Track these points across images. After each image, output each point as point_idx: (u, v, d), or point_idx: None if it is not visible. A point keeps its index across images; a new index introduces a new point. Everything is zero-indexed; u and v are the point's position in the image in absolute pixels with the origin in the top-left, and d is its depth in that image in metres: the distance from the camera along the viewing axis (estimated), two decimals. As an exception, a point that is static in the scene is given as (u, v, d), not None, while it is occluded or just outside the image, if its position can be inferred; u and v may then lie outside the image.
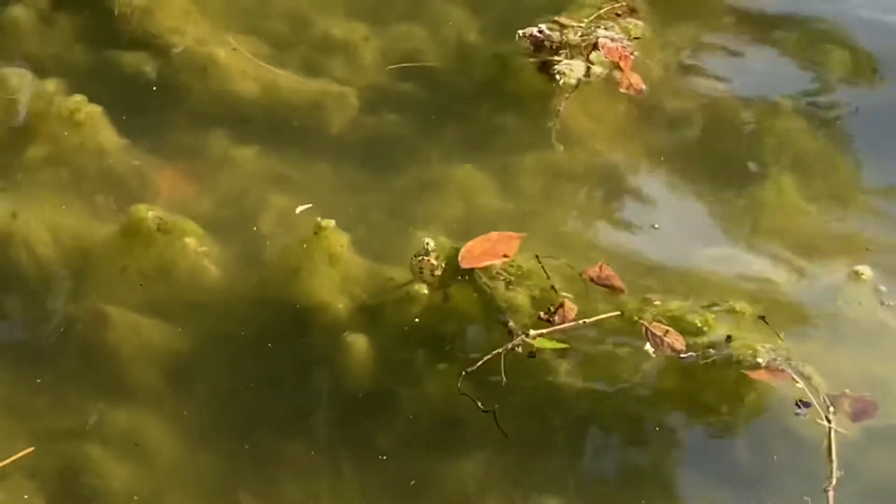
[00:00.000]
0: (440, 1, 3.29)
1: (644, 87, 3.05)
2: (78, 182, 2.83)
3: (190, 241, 2.67)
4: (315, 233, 2.66)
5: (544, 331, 2.56)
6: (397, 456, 2.48)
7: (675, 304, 2.61)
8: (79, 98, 2.90)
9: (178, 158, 2.91)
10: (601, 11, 3.13)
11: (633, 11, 3.17)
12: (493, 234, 2.73)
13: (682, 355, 2.53)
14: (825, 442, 2.41)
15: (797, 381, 2.48)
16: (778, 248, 2.84)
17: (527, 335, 2.55)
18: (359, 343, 2.56)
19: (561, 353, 2.57)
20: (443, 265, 2.66)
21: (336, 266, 2.64)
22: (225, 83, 3.03)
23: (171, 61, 3.05)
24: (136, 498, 2.41)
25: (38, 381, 2.56)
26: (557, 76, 2.98)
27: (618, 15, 3.15)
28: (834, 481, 2.35)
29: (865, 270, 2.74)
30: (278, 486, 2.43)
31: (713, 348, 2.54)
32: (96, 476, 2.43)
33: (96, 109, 2.89)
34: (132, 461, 2.45)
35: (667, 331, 2.56)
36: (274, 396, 2.56)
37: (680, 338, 2.55)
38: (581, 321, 2.58)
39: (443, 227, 2.81)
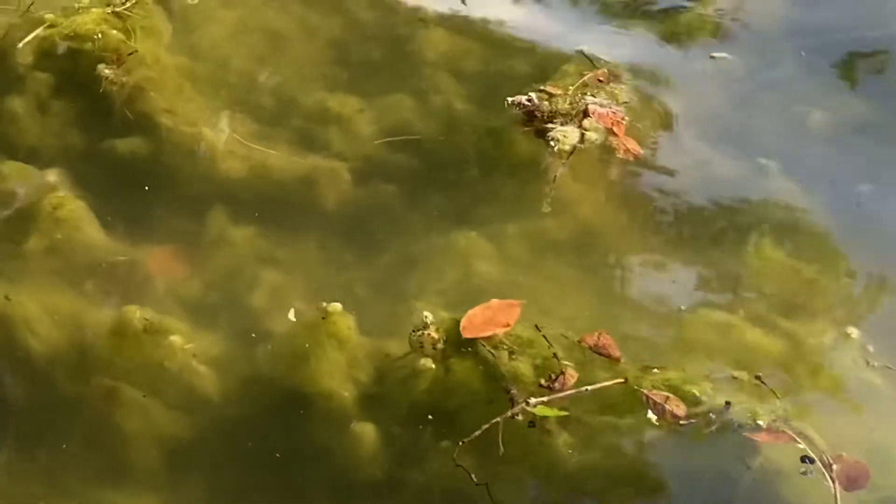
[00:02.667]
0: (427, 70, 3.36)
1: (641, 151, 3.13)
2: (70, 272, 2.88)
3: (175, 340, 2.72)
4: (323, 318, 2.71)
5: (545, 399, 2.63)
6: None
7: (674, 374, 2.68)
8: (62, 195, 2.96)
9: (168, 241, 2.97)
10: (585, 79, 3.21)
11: (615, 77, 3.26)
12: (494, 302, 2.80)
13: (682, 422, 2.60)
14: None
15: (799, 442, 2.55)
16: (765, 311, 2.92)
17: (527, 403, 2.61)
18: (367, 431, 2.62)
19: (562, 423, 2.63)
20: (444, 337, 2.72)
21: (344, 350, 2.69)
22: (215, 164, 3.09)
23: (163, 143, 3.11)
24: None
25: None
26: (552, 143, 3.07)
27: (601, 81, 3.24)
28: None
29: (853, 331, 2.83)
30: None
31: (713, 414, 2.61)
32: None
33: (79, 205, 2.96)
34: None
35: (667, 397, 2.63)
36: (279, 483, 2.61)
37: (681, 404, 2.63)
38: (583, 388, 2.64)
39: (440, 297, 2.88)
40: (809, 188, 3.18)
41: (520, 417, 2.60)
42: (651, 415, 2.61)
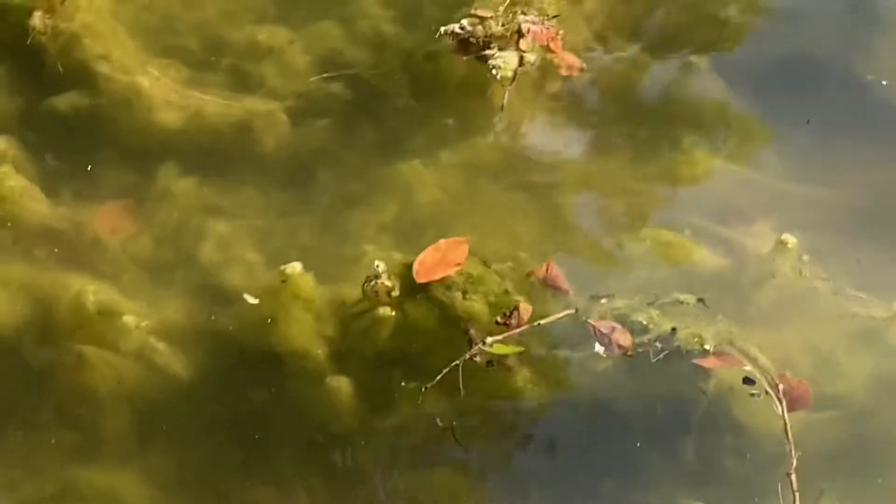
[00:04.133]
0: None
1: (583, 64, 3.19)
2: (20, 240, 2.91)
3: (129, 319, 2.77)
4: (283, 282, 2.77)
5: (500, 337, 2.72)
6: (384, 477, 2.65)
7: (620, 302, 2.79)
8: (3, 169, 2.97)
9: (113, 199, 3.00)
10: (512, -3, 3.24)
11: (541, -10, 3.29)
12: (442, 242, 2.87)
13: (628, 353, 2.71)
14: (781, 423, 2.62)
15: (745, 365, 2.69)
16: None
17: (484, 343, 2.71)
18: (342, 384, 2.70)
19: (520, 358, 2.73)
20: (396, 284, 2.80)
21: (310, 310, 2.76)
22: (152, 114, 3.10)
23: (101, 95, 3.11)
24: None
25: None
26: (493, 70, 3.10)
27: (529, -6, 3.26)
28: (794, 463, 2.55)
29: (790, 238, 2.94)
30: None
31: (660, 342, 2.72)
32: None
33: (21, 184, 2.97)
34: None
35: (613, 328, 2.74)
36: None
37: (628, 334, 2.74)
38: (536, 323, 2.74)
39: (385, 234, 2.95)
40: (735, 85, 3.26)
41: (478, 359, 2.70)
42: (598, 347, 2.72)
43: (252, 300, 2.79)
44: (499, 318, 2.76)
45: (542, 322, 2.75)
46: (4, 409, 2.74)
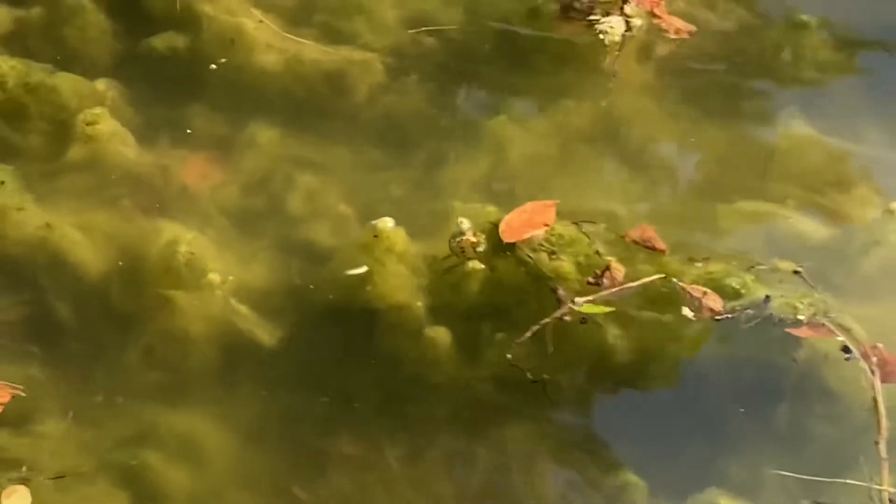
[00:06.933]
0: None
1: (693, 27, 3.21)
2: (105, 187, 2.98)
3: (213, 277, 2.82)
4: (375, 236, 2.81)
5: (591, 297, 2.74)
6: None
7: (716, 267, 2.79)
8: (98, 111, 3.04)
9: (206, 147, 3.06)
10: (617, -38, 3.26)
11: (644, -45, 3.30)
12: (529, 205, 2.90)
13: (718, 317, 2.71)
14: (871, 394, 2.60)
15: (838, 336, 2.67)
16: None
17: (574, 302, 2.72)
18: (440, 334, 2.74)
19: (609, 317, 2.74)
20: (482, 241, 2.82)
21: (404, 262, 2.80)
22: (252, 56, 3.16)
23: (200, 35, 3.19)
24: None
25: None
26: (601, 35, 3.17)
27: (633, -39, 3.28)
28: (884, 433, 2.54)
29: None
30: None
31: (752, 309, 2.72)
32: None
33: (111, 126, 3.04)
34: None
35: (705, 292, 2.74)
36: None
37: (718, 299, 2.74)
38: (627, 285, 2.76)
39: (475, 191, 2.98)
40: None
41: (567, 318, 2.72)
42: (686, 310, 2.72)
43: (358, 271, 2.83)
44: (590, 279, 2.77)
45: (633, 284, 2.76)
46: (92, 352, 2.80)
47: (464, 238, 2.82)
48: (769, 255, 2.83)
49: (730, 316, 2.72)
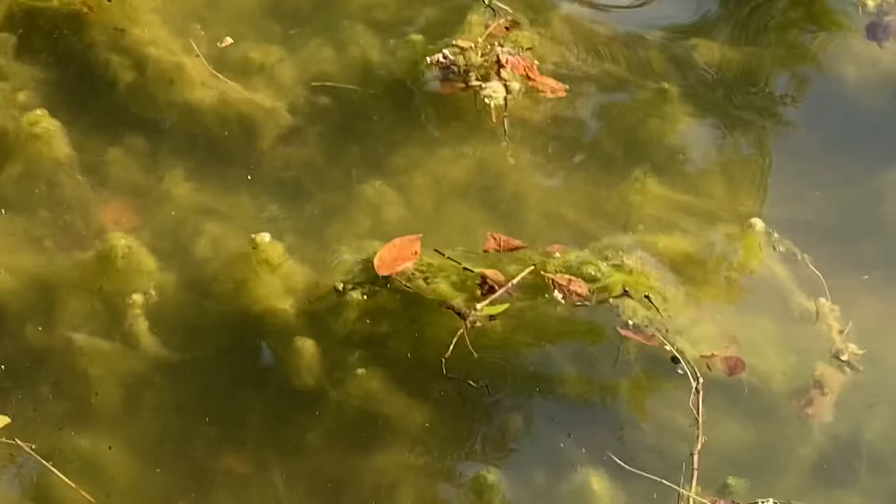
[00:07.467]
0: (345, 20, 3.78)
1: (566, 87, 3.61)
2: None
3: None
4: (253, 248, 3.23)
5: (486, 301, 3.14)
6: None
7: (573, 255, 3.21)
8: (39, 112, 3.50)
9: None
10: (489, 30, 3.65)
11: (515, 24, 3.71)
12: (396, 240, 3.29)
13: (586, 302, 3.13)
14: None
15: (666, 345, 3.07)
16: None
17: (476, 309, 3.12)
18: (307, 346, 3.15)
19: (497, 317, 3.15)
20: (362, 279, 3.23)
21: (277, 274, 3.22)
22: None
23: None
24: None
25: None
26: (486, 100, 3.54)
27: (507, 29, 3.67)
28: (699, 446, 2.90)
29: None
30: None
31: (611, 298, 3.15)
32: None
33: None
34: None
35: (570, 279, 3.15)
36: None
37: (583, 284, 3.15)
38: (510, 283, 3.17)
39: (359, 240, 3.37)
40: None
41: (479, 323, 3.12)
42: (557, 294, 3.14)
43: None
44: (480, 291, 3.16)
45: (514, 282, 3.17)
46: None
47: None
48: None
49: (588, 302, 3.14)
